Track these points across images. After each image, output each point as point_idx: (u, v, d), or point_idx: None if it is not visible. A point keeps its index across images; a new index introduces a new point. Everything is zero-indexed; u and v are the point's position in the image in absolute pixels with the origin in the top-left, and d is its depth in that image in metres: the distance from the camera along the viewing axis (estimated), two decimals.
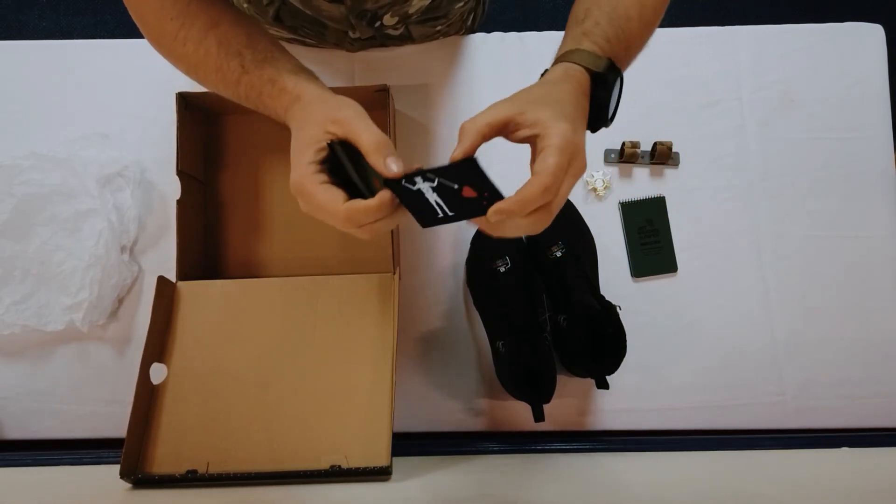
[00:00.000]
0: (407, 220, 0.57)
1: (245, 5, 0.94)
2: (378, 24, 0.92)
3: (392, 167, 0.52)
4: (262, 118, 1.00)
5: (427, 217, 0.56)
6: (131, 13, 0.66)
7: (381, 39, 1.01)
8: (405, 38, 1.02)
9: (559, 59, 0.59)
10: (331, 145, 0.55)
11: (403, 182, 0.52)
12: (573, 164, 0.51)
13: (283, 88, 0.59)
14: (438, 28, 1.00)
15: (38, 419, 0.95)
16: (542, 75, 0.60)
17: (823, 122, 1.03)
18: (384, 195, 0.53)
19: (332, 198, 0.53)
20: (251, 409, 0.82)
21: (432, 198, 0.53)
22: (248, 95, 0.63)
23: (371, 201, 0.52)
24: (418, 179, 0.52)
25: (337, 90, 0.90)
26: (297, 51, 1.04)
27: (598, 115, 0.60)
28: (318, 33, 0.99)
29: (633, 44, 0.62)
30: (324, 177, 0.55)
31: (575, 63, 0.57)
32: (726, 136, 1.03)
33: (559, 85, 0.56)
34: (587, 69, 0.57)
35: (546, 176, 0.50)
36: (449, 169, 0.52)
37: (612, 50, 0.59)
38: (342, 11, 0.87)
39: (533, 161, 0.52)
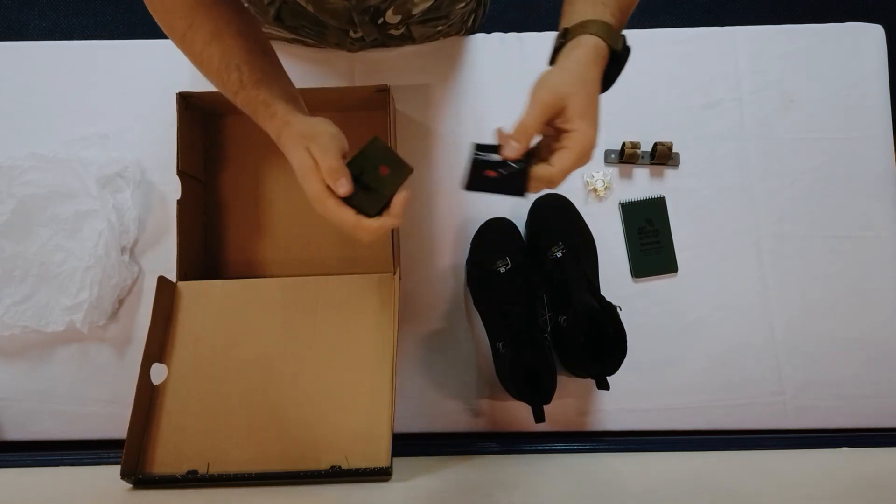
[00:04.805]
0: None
1: (245, 5, 0.94)
2: (381, 20, 0.92)
3: (340, 189, 0.62)
4: None
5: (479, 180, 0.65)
6: (147, 4, 0.69)
7: (383, 39, 1.01)
8: (406, 39, 1.02)
9: (584, 29, 0.59)
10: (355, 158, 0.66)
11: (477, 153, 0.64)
12: (582, 162, 0.57)
13: (274, 113, 0.65)
14: (439, 28, 1.01)
15: (38, 419, 0.95)
16: (566, 39, 0.60)
17: (823, 122, 1.03)
18: (385, 222, 0.64)
19: (345, 215, 0.62)
20: (251, 410, 0.82)
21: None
22: (245, 108, 0.67)
23: (373, 222, 0.62)
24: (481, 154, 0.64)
25: (337, 90, 0.91)
26: (297, 51, 1.04)
27: (602, 89, 0.61)
28: (318, 33, 0.99)
29: (631, 9, 0.63)
30: (336, 198, 0.62)
31: (602, 39, 0.58)
32: (726, 136, 1.03)
33: (589, 68, 0.57)
34: (609, 46, 0.58)
35: (558, 173, 0.57)
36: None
37: (621, 20, 0.60)
38: (346, 6, 0.87)
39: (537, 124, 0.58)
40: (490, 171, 0.65)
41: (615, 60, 0.60)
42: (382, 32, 0.97)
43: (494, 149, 0.63)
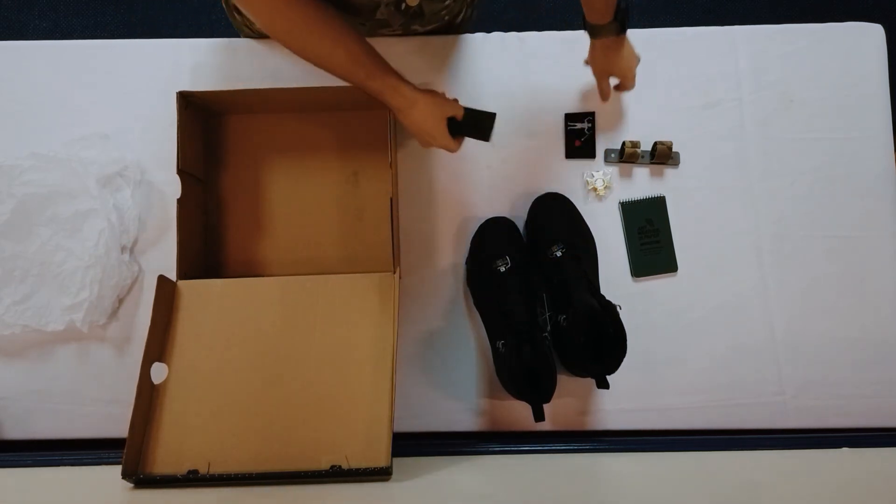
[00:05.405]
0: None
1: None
2: (403, 6, 0.94)
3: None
4: (262, 118, 1.01)
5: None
6: (270, 30, 0.81)
7: (394, 19, 1.00)
8: (416, 16, 1.01)
9: (600, 34, 0.90)
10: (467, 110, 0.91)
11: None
12: (632, 76, 0.98)
13: (403, 94, 0.84)
14: (447, 3, 1.00)
15: (38, 419, 0.95)
16: (591, 35, 0.92)
17: (823, 122, 1.03)
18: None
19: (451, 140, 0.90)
20: (252, 409, 0.82)
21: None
22: (371, 92, 0.84)
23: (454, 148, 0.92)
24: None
25: (338, 90, 0.91)
26: None
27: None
28: None
29: None
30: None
31: (614, 35, 0.90)
32: (726, 136, 1.03)
33: (613, 51, 0.93)
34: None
35: (628, 88, 0.99)
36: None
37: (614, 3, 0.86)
38: (374, 1, 0.90)
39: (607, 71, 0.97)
40: (577, 142, 1.02)
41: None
42: (405, 17, 0.98)
43: (577, 116, 1.02)
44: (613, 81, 1.00)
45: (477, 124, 0.91)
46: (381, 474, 0.75)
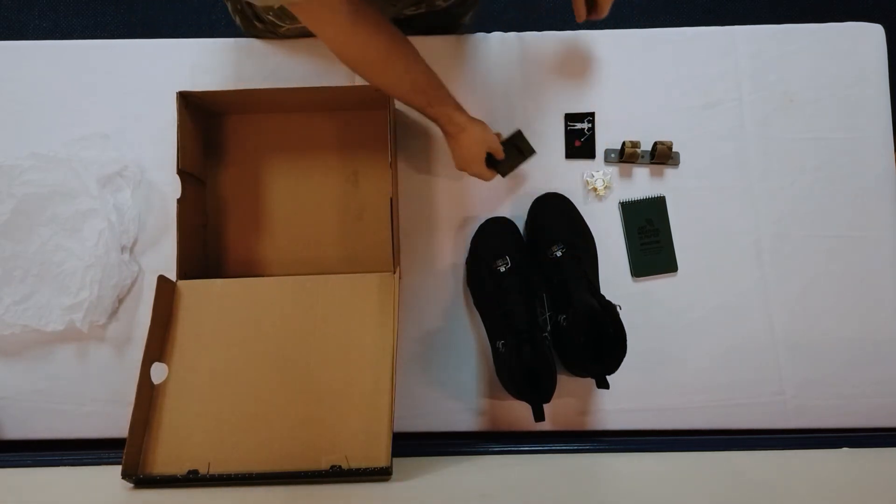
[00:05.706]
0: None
1: None
2: None
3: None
4: (262, 118, 1.01)
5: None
6: (344, 56, 0.80)
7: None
8: None
9: None
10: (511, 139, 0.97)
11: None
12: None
13: (457, 122, 0.88)
14: None
15: (38, 419, 0.95)
16: None
17: (823, 122, 1.03)
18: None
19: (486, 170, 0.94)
20: (252, 409, 0.82)
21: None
22: (428, 117, 0.89)
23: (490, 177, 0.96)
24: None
25: (337, 90, 0.91)
26: (301, 45, 1.04)
27: None
28: None
29: None
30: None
31: None
32: (726, 136, 1.03)
33: None
34: None
35: (605, 13, 0.91)
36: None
37: None
38: None
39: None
40: (577, 142, 1.02)
41: None
42: None
43: (577, 116, 1.02)
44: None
45: (510, 162, 0.97)
46: (381, 474, 0.75)
